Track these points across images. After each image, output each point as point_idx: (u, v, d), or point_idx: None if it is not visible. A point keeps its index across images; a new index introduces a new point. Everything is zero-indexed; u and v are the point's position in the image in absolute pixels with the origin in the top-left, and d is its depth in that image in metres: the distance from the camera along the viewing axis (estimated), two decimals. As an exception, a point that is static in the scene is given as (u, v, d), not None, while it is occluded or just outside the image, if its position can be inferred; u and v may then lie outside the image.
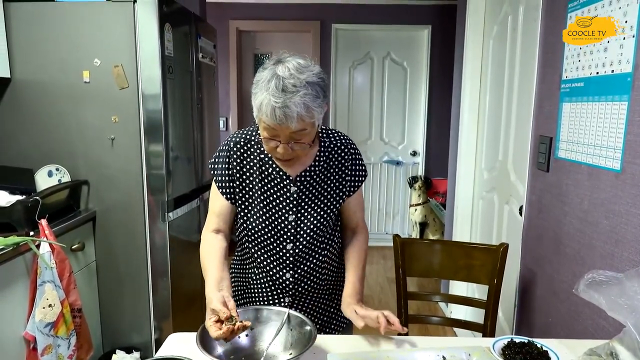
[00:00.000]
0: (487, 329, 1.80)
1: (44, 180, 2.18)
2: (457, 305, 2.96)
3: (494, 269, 1.79)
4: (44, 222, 1.85)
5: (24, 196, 1.97)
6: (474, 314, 2.60)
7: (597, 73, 1.44)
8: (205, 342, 1.07)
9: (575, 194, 1.57)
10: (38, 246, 1.80)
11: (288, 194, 1.31)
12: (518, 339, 1.15)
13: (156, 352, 1.34)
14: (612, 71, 1.37)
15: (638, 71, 1.26)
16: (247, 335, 1.17)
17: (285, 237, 1.32)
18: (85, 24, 2.12)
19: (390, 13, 4.53)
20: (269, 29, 4.62)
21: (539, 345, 1.12)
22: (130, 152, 2.20)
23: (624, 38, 1.31)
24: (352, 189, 1.37)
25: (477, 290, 2.73)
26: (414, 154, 4.82)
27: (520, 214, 2.04)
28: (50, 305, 1.80)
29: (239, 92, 4.66)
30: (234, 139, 1.34)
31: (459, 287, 3.00)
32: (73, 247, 2.09)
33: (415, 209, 4.37)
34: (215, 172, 1.35)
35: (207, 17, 3.46)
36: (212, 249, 1.31)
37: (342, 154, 1.35)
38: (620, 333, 1.07)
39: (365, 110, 4.78)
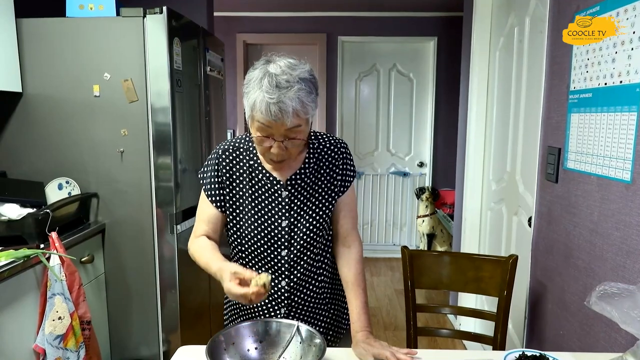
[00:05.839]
0: (497, 341, 1.78)
1: (54, 193, 2.20)
2: (466, 317, 2.94)
3: (503, 281, 1.77)
4: (54, 234, 1.87)
5: (35, 209, 1.99)
6: (483, 327, 2.57)
7: (606, 84, 1.44)
8: (215, 356, 1.07)
9: (585, 205, 1.56)
10: (48, 259, 1.81)
11: (279, 199, 1.29)
12: (529, 352, 1.14)
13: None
14: (621, 82, 1.37)
15: (647, 82, 1.26)
16: (256, 349, 1.17)
17: (279, 243, 1.29)
18: (96, 38, 2.15)
19: (396, 25, 4.56)
20: (276, 42, 4.65)
21: (551, 359, 1.11)
22: (139, 165, 2.21)
23: (632, 49, 1.31)
24: (342, 189, 1.34)
25: (486, 303, 2.71)
26: (421, 165, 4.82)
27: (529, 225, 2.03)
28: (60, 318, 1.81)
29: (246, 104, 4.68)
30: (222, 147, 1.34)
31: (468, 299, 2.98)
32: (82, 259, 2.10)
33: (423, 220, 4.36)
34: (205, 181, 1.33)
35: (215, 31, 3.50)
36: (205, 244, 1.29)
37: (333, 154, 1.33)
38: (634, 346, 1.06)
39: (372, 122, 4.79)
